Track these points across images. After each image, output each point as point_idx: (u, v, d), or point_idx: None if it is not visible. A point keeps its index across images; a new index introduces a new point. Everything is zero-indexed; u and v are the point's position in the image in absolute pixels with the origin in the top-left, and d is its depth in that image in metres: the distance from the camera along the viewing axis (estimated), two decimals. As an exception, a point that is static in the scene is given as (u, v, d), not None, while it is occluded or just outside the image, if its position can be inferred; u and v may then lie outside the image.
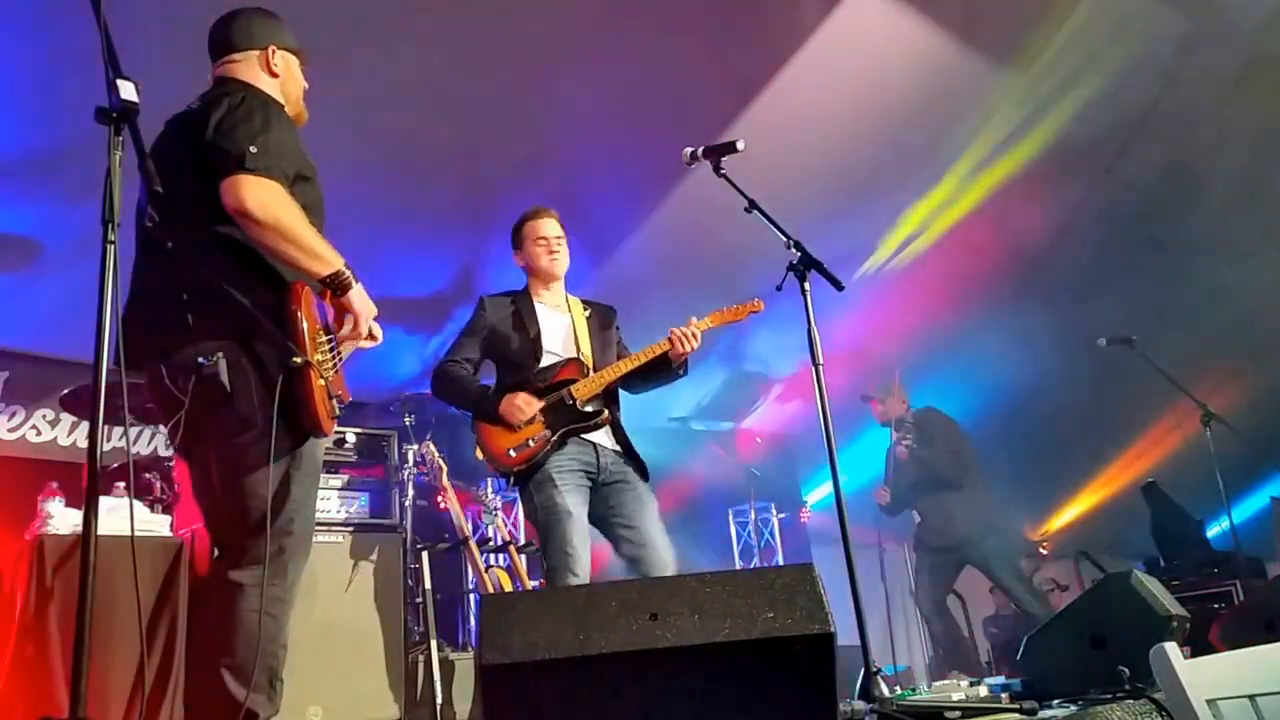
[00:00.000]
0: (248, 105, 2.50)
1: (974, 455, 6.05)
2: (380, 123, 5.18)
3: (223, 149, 2.40)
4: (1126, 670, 2.69)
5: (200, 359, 2.32)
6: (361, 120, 5.15)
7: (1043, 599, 6.18)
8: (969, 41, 5.39)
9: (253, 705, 2.35)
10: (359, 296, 2.56)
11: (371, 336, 2.74)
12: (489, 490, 5.64)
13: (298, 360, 2.33)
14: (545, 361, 3.63)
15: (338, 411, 2.54)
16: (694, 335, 3.65)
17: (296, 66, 2.80)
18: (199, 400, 2.35)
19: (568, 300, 3.86)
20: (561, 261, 3.80)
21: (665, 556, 3.46)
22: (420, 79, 5.04)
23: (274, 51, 2.71)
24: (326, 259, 2.48)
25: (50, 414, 5.87)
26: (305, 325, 2.38)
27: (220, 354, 2.34)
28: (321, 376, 2.42)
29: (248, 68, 2.67)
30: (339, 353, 2.63)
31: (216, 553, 2.48)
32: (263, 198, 2.35)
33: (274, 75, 2.71)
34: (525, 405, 3.50)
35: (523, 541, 5.41)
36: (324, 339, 2.51)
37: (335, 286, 2.51)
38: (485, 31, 4.90)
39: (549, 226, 3.82)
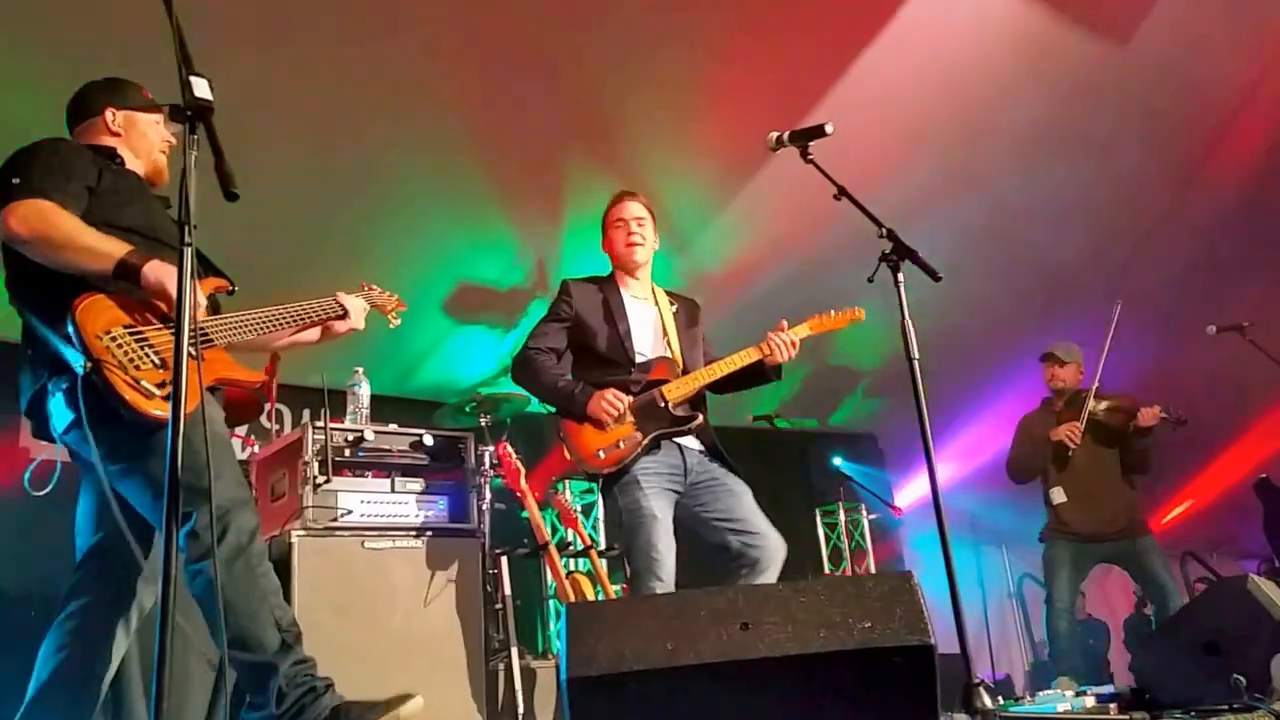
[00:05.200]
0: (14, 155, 2.60)
1: None
2: (454, 120, 5.18)
3: None
4: (1243, 679, 2.64)
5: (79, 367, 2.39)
6: (437, 118, 5.17)
7: None
8: (1061, 12, 5.16)
9: (264, 659, 2.40)
10: (153, 272, 2.47)
11: (340, 318, 2.95)
12: (568, 493, 5.58)
13: (86, 365, 2.36)
14: (636, 360, 3.54)
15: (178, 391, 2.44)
16: (793, 344, 3.56)
17: (144, 122, 2.88)
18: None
19: (654, 292, 3.76)
20: (641, 249, 3.67)
21: (775, 543, 3.37)
22: (496, 74, 5.03)
23: (112, 114, 2.83)
24: (103, 251, 2.47)
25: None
26: (83, 332, 2.39)
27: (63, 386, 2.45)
28: (125, 370, 2.39)
29: (93, 135, 2.82)
30: (196, 341, 2.54)
31: None
32: (23, 216, 2.43)
33: (115, 135, 2.83)
34: (616, 402, 3.41)
35: (603, 546, 5.34)
36: (121, 332, 2.45)
37: (126, 276, 2.47)
38: (556, 25, 4.86)
39: (629, 208, 3.69)
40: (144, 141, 2.87)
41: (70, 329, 2.40)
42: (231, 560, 2.43)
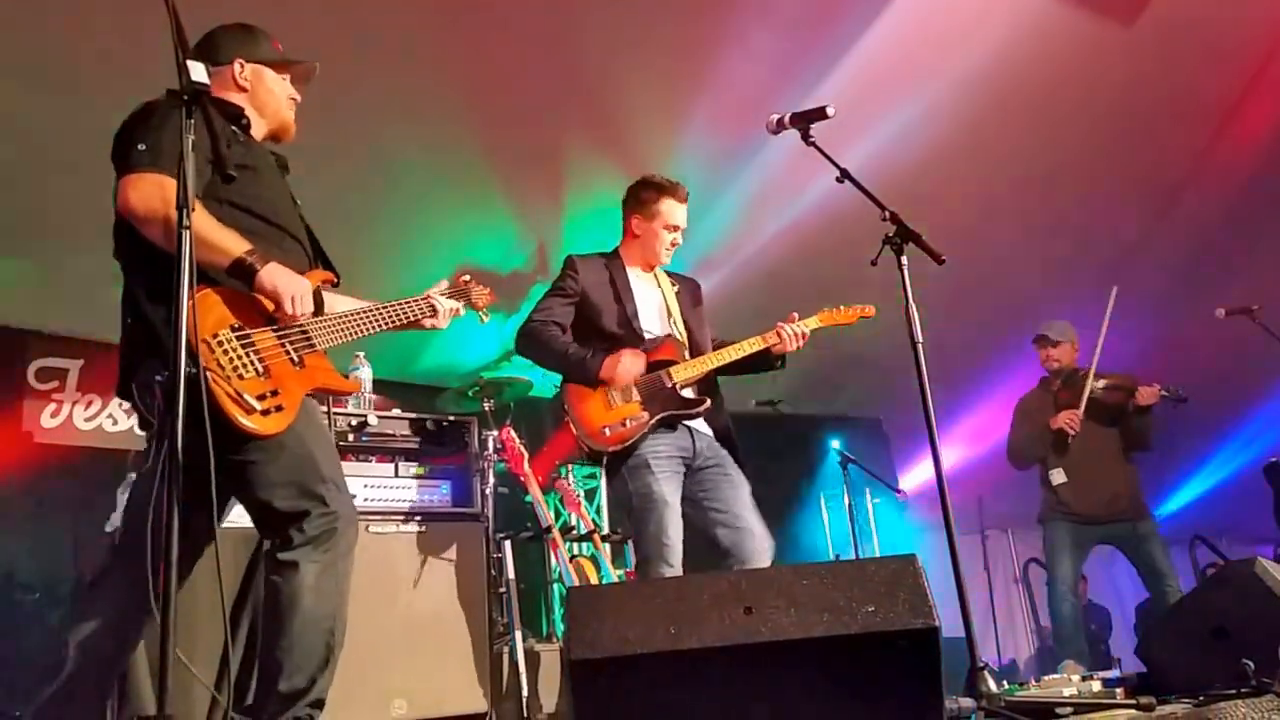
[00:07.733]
0: (145, 109, 2.48)
1: None
2: (455, 104, 5.14)
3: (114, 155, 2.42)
4: (1251, 664, 2.55)
5: (158, 376, 2.28)
6: (437, 103, 5.14)
7: None
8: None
9: (307, 682, 2.36)
10: (269, 277, 2.41)
11: (437, 311, 2.85)
12: (571, 478, 5.56)
13: (190, 370, 2.21)
14: (644, 337, 3.53)
15: (267, 404, 2.38)
16: (803, 335, 3.59)
17: (272, 78, 2.76)
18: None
19: (655, 273, 3.76)
20: (670, 257, 3.73)
21: (763, 543, 3.37)
22: (494, 56, 4.98)
23: (241, 65, 2.72)
24: (220, 248, 2.37)
25: (126, 403, 5.87)
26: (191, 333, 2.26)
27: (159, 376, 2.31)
28: (229, 380, 2.32)
29: (218, 88, 2.64)
30: (290, 343, 2.50)
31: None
32: (144, 193, 2.31)
33: (241, 90, 2.72)
34: (632, 364, 3.40)
35: (606, 530, 5.34)
36: (228, 335, 2.38)
37: (241, 277, 2.40)
38: (556, 6, 4.82)
39: (682, 215, 3.68)
40: (271, 98, 2.75)
41: (176, 328, 2.30)
42: (325, 569, 2.41)
